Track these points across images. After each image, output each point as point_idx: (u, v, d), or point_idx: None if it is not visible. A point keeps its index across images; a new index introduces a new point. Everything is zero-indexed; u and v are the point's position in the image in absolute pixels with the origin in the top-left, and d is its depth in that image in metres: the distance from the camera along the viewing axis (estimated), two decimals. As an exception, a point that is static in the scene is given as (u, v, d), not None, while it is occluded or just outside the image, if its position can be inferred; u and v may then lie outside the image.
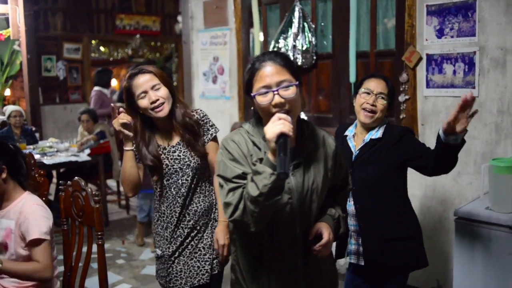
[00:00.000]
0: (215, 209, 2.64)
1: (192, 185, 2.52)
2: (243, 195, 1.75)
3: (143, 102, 2.39)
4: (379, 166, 2.56)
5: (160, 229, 2.60)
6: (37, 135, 6.69)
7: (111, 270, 4.52)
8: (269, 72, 1.77)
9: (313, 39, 4.19)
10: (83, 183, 2.60)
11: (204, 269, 2.57)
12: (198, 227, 2.56)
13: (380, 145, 2.59)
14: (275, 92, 1.75)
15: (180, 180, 2.50)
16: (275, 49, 4.30)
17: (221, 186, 1.86)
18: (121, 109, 2.36)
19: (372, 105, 2.58)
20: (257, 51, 4.72)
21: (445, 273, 3.54)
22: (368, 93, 2.61)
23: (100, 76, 7.95)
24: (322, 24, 4.29)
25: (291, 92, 1.76)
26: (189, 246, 2.56)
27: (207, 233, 2.59)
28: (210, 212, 2.60)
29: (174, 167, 2.48)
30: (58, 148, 5.81)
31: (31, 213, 2.35)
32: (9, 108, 6.24)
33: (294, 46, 4.22)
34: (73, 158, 5.46)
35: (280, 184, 1.67)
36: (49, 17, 8.94)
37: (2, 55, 9.20)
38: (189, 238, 2.56)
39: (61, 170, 6.04)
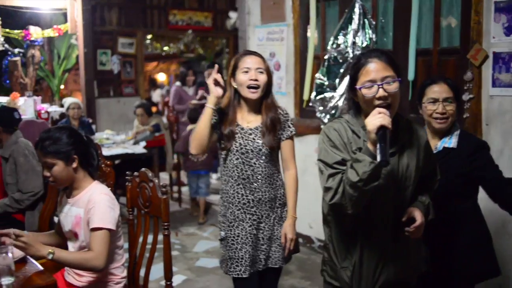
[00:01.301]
0: (279, 204, 2.70)
1: (258, 171, 2.61)
2: (343, 180, 1.92)
3: (243, 77, 2.57)
4: (450, 176, 2.48)
5: (223, 209, 2.72)
6: (93, 127, 6.86)
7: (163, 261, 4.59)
8: (375, 68, 1.95)
9: (374, 36, 4.14)
10: (150, 174, 2.66)
11: (260, 259, 2.66)
12: (260, 216, 2.65)
13: (453, 155, 2.53)
14: (380, 86, 1.92)
15: (248, 162, 2.61)
16: (334, 45, 4.27)
17: (321, 171, 2.04)
18: (216, 67, 2.60)
19: (442, 113, 2.53)
20: (311, 48, 4.70)
21: (507, 279, 3.44)
22: (434, 102, 2.56)
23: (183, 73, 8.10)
24: (383, 20, 4.24)
25: (394, 87, 1.94)
26: (251, 235, 2.64)
27: (269, 225, 2.68)
28: (274, 204, 2.68)
29: (246, 147, 2.60)
30: (115, 140, 5.95)
31: (97, 202, 2.39)
32: (68, 100, 6.43)
33: (354, 43, 4.18)
34: (130, 150, 5.58)
35: (378, 171, 1.85)
36: (105, 12, 9.14)
37: (59, 49, 9.47)
38: (252, 226, 2.63)
39: (116, 162, 6.18)
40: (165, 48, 10.29)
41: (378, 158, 1.77)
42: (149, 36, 9.97)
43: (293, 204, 2.73)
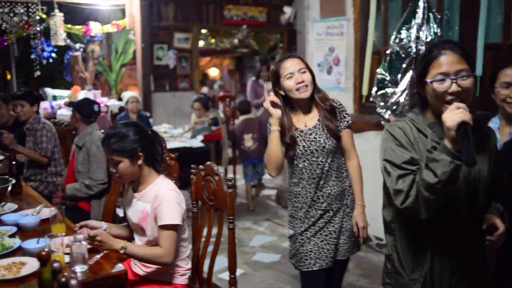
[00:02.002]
0: (348, 195, 2.69)
1: (326, 167, 2.61)
2: (416, 182, 1.78)
3: (289, 83, 2.56)
4: None
5: (293, 210, 2.71)
6: (150, 121, 6.98)
7: (222, 254, 4.62)
8: (448, 60, 1.81)
9: (439, 30, 4.03)
10: (216, 168, 2.67)
11: (331, 252, 2.64)
12: (330, 210, 2.66)
13: None
14: (454, 80, 1.79)
15: (315, 161, 2.60)
16: (397, 40, 4.18)
17: (387, 172, 1.91)
18: (271, 92, 2.58)
19: None
20: (371, 42, 4.62)
21: None
22: (508, 86, 2.47)
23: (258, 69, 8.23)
24: (448, 14, 4.11)
25: (468, 82, 1.80)
26: (320, 228, 2.65)
27: (338, 217, 2.68)
28: (343, 197, 2.68)
29: (310, 148, 2.59)
30: (172, 134, 6.03)
31: (165, 198, 2.40)
32: (127, 94, 6.56)
33: (418, 37, 4.07)
34: (187, 144, 5.64)
35: (457, 172, 1.71)
36: (162, 8, 9.26)
37: (117, 44, 9.68)
38: (321, 220, 2.65)
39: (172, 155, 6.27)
40: (220, 43, 10.34)
41: (464, 158, 1.64)
42: (204, 31, 10.04)
43: (360, 192, 2.73)
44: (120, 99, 8.82)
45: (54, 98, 8.22)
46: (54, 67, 10.78)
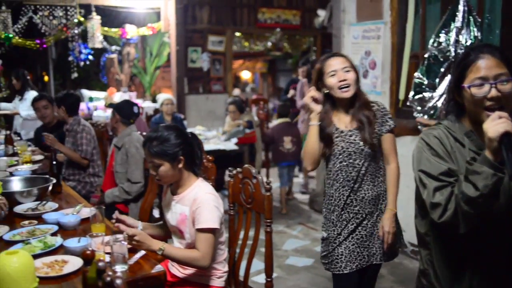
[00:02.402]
0: (383, 201, 2.65)
1: (362, 171, 2.58)
2: (455, 195, 1.70)
3: (332, 80, 2.54)
4: None
5: (327, 212, 2.69)
6: (185, 123, 7.03)
7: (256, 257, 4.62)
8: (487, 64, 1.74)
9: (479, 34, 3.95)
10: (253, 171, 2.68)
11: (362, 255, 2.63)
12: (363, 214, 2.63)
13: None
14: (493, 85, 1.71)
15: (352, 164, 2.58)
16: (435, 44, 4.12)
17: (423, 184, 1.82)
18: (311, 88, 2.58)
19: None
20: (408, 46, 4.57)
21: None
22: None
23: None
24: (489, 17, 4.03)
25: (508, 87, 1.72)
26: (352, 231, 2.62)
27: (371, 222, 2.65)
28: (377, 202, 2.65)
29: (349, 150, 2.57)
30: (206, 136, 6.07)
31: (204, 202, 2.41)
32: (162, 97, 6.62)
33: (457, 41, 4.01)
34: (221, 146, 5.67)
35: (500, 185, 1.61)
36: (196, 11, 9.36)
37: (151, 46, 9.82)
38: (354, 224, 2.62)
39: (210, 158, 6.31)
40: (253, 46, 10.37)
41: (510, 171, 1.54)
42: (237, 34, 10.09)
43: (392, 198, 2.68)
44: (154, 101, 8.93)
45: (90, 99, 8.37)
46: (90, 69, 10.99)
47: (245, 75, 16.81)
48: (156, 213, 4.52)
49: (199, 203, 2.40)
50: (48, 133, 4.56)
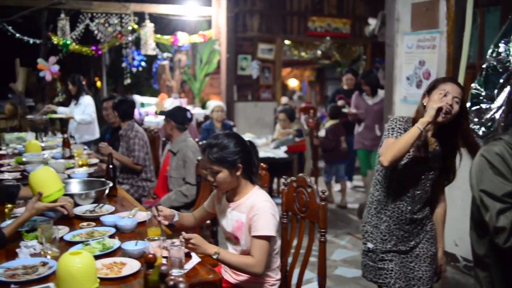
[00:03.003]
0: (428, 222, 2.68)
1: (424, 190, 2.51)
2: None
3: (438, 97, 2.43)
4: None
5: (376, 221, 2.61)
6: (234, 130, 7.08)
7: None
8: None
9: (541, 44, 3.84)
10: (308, 180, 2.67)
11: (409, 277, 2.59)
12: (417, 233, 2.57)
13: None
14: None
15: (419, 183, 2.54)
16: (494, 54, 4.02)
17: (484, 206, 1.77)
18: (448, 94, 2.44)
19: None
20: (465, 56, 4.47)
21: None
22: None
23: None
24: (552, 28, 3.91)
25: None
26: (404, 248, 2.58)
27: (419, 243, 2.58)
28: (424, 224, 2.65)
29: (417, 169, 2.53)
30: (256, 144, 6.08)
31: (261, 209, 2.41)
32: (212, 103, 6.70)
33: (517, 52, 3.91)
34: (271, 154, 5.68)
35: None
36: (247, 19, 9.44)
37: (202, 54, 9.94)
38: (406, 240, 2.58)
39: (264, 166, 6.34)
40: (302, 54, 10.37)
41: None
42: (287, 42, 10.11)
43: (442, 234, 2.71)
44: (203, 107, 9.04)
45: (142, 105, 8.54)
46: (141, 75, 11.23)
47: (293, 83, 16.80)
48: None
49: (256, 210, 2.41)
50: (103, 142, 4.71)
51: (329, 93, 14.69)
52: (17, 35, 8.21)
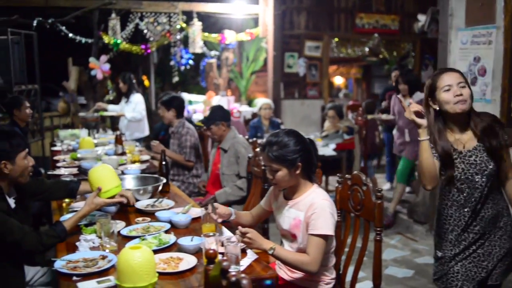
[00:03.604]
0: (501, 218, 2.52)
1: (485, 191, 2.44)
2: None
3: (447, 95, 2.41)
4: None
5: (443, 233, 2.56)
6: (282, 127, 7.08)
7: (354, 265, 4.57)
8: None
9: None
10: (364, 178, 2.64)
11: (480, 276, 2.52)
12: (482, 234, 2.51)
13: None
14: None
15: (474, 185, 2.45)
16: (555, 49, 3.87)
17: None
18: (411, 102, 2.42)
19: None
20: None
21: None
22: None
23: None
24: None
25: None
26: (470, 250, 2.52)
27: (489, 240, 2.51)
28: (496, 220, 2.51)
29: (470, 171, 2.44)
30: (304, 142, 6.07)
31: (320, 208, 2.39)
32: (261, 101, 6.71)
33: None
34: (320, 152, 5.63)
35: None
36: (294, 16, 9.41)
37: (248, 52, 9.97)
38: (472, 243, 2.51)
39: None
40: (350, 51, 10.27)
41: None
42: (334, 39, 10.03)
43: None
44: (249, 105, 9.08)
45: (190, 102, 8.63)
46: (187, 73, 11.36)
47: (338, 80, 16.66)
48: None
49: (315, 209, 2.39)
50: (154, 141, 4.78)
51: (376, 90, 14.51)
52: (70, 35, 8.42)
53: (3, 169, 2.47)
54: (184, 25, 8.56)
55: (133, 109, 6.80)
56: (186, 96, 8.97)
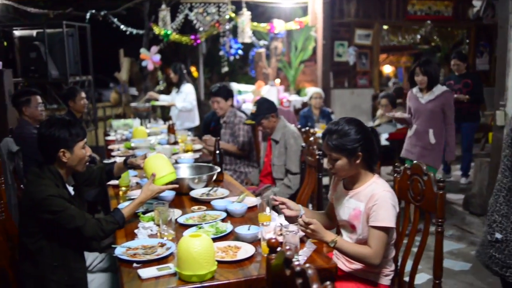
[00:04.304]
0: None
1: None
2: None
3: None
4: None
5: (507, 209, 2.45)
6: (333, 117, 6.99)
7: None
8: None
9: None
10: (424, 167, 2.56)
11: None
12: None
13: None
14: None
15: None
16: None
17: None
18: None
19: None
20: None
21: None
22: None
23: None
24: None
25: None
26: None
27: None
28: None
29: None
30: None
31: (381, 199, 2.32)
32: (311, 90, 6.65)
33: None
34: (372, 142, 5.54)
35: None
36: (343, 4, 9.26)
37: (297, 41, 9.88)
38: None
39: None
40: (401, 39, 10.03)
41: None
42: (385, 27, 9.82)
43: None
44: (298, 95, 9.02)
45: (239, 92, 8.64)
46: (235, 63, 11.37)
47: (387, 69, 16.32)
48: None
49: (376, 200, 2.33)
50: (206, 135, 4.81)
51: (427, 79, 14.13)
52: (122, 26, 8.56)
53: (61, 157, 2.53)
54: (233, 15, 8.55)
55: (184, 99, 6.84)
56: (235, 86, 8.98)
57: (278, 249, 1.64)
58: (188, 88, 6.88)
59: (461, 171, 7.19)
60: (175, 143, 5.07)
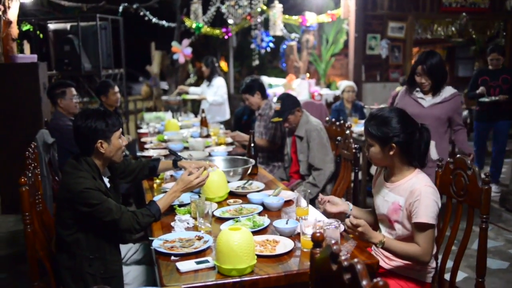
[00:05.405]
0: None
1: None
2: None
3: None
4: None
5: None
6: (365, 111, 6.89)
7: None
8: None
9: None
10: (469, 162, 2.48)
11: None
12: None
13: None
14: None
15: None
16: None
17: None
18: None
19: None
20: None
21: None
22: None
23: None
24: None
25: None
26: None
27: None
28: None
29: None
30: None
31: (423, 195, 2.25)
32: (344, 83, 6.56)
33: None
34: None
35: None
36: (377, -3, 9.12)
37: (328, 34, 9.79)
38: None
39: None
40: (435, 32, 9.83)
41: None
42: (419, 20, 9.64)
43: None
44: (329, 88, 8.93)
45: (270, 86, 8.60)
46: (265, 57, 11.32)
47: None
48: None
49: (417, 195, 2.26)
50: (235, 131, 4.79)
51: (460, 74, 13.87)
52: (154, 19, 8.59)
53: (99, 148, 2.53)
54: (264, 7, 8.50)
55: (215, 92, 6.83)
56: (265, 79, 8.93)
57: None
58: (219, 82, 6.86)
59: (491, 178, 6.82)
60: (208, 136, 5.06)
